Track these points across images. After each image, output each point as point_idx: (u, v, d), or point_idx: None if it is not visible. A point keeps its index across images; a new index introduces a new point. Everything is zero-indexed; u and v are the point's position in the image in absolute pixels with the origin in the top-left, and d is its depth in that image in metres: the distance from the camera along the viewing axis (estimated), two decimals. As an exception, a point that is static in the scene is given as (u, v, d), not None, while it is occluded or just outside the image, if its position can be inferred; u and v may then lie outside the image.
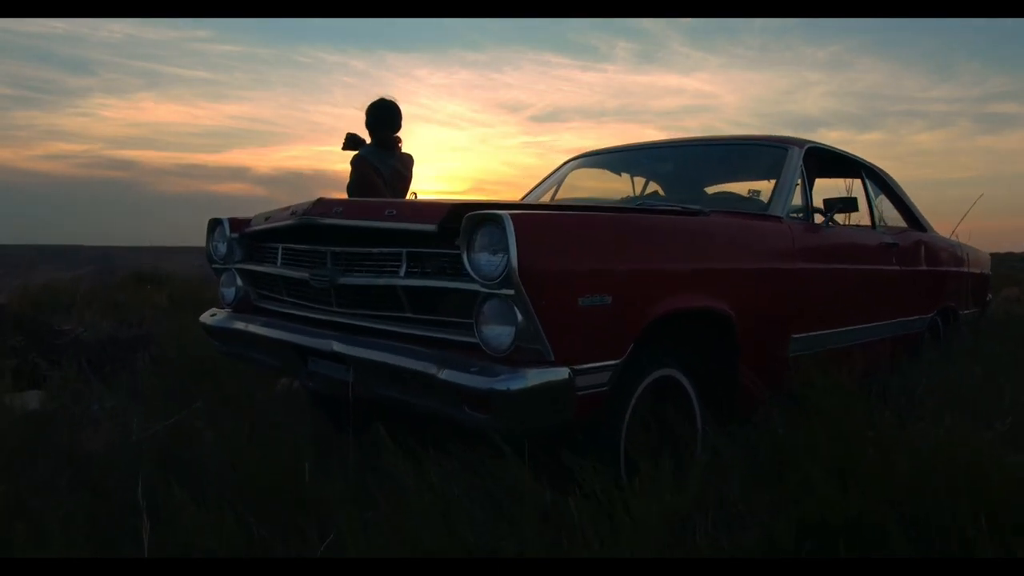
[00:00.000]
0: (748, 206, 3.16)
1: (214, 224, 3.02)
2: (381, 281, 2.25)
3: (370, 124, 3.67)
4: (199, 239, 3.12)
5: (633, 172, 3.97)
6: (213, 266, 3.08)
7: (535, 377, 1.90)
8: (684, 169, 3.78)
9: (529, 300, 1.88)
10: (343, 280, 2.37)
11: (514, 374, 1.88)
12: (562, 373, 1.95)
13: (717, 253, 2.56)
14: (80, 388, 3.96)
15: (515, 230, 1.86)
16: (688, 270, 2.38)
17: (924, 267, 4.00)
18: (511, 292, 1.88)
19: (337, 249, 2.41)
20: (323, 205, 2.42)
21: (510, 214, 1.89)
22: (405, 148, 3.69)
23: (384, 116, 3.67)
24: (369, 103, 3.69)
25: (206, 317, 3.02)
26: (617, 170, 4.14)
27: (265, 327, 2.67)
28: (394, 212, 2.16)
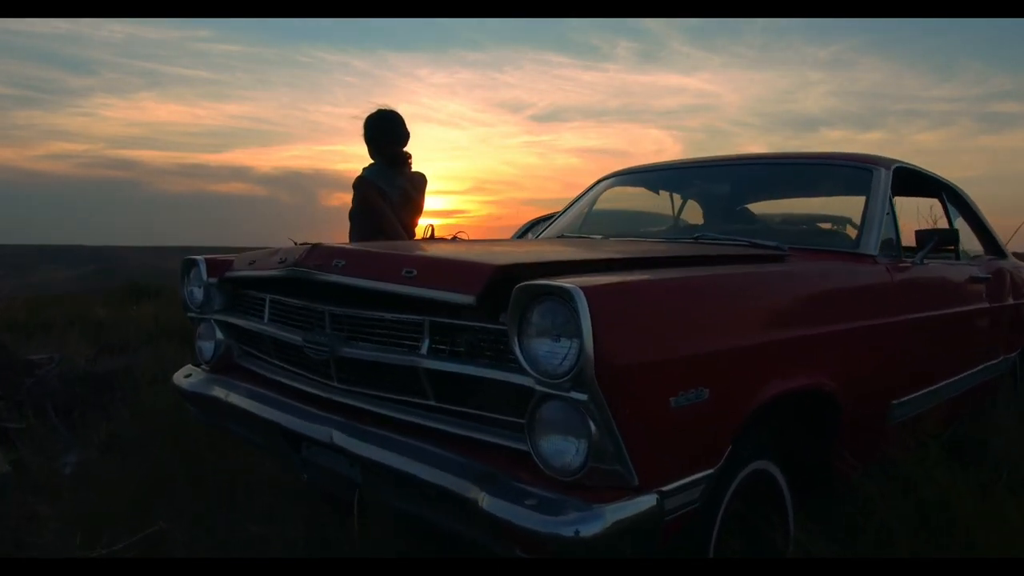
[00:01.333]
0: (831, 241, 2.62)
1: (188, 265, 2.45)
2: (396, 359, 1.69)
3: (372, 139, 3.11)
4: (200, 239, 2.63)
5: (677, 192, 3.43)
6: (188, 315, 2.52)
7: (615, 513, 1.34)
8: (741, 191, 3.23)
9: (609, 407, 1.32)
10: (346, 352, 1.81)
11: (587, 514, 1.32)
12: (648, 502, 1.40)
13: (814, 311, 2.00)
14: (44, 440, 3.42)
15: (591, 308, 1.30)
16: (792, 338, 1.82)
17: (1011, 301, 3.45)
18: (583, 397, 1.32)
19: (338, 311, 1.86)
20: (320, 255, 1.86)
21: (584, 285, 1.33)
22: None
23: (387, 129, 3.09)
24: (367, 116, 3.13)
25: (180, 378, 2.45)
26: (655, 188, 3.60)
27: (249, 399, 2.11)
28: (414, 273, 1.59)
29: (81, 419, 3.58)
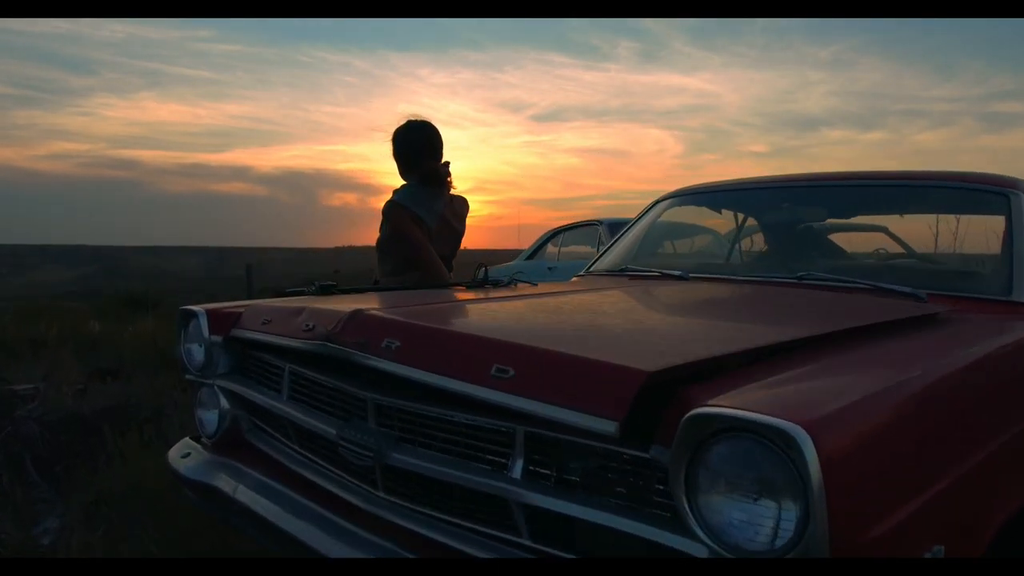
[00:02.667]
0: (968, 284, 2.12)
1: (186, 318, 1.95)
2: (472, 481, 1.19)
3: (403, 155, 2.57)
4: (201, 239, 2.14)
5: (747, 215, 2.94)
6: (187, 376, 2.01)
7: None
8: (825, 216, 2.74)
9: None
10: (397, 459, 1.31)
11: None
12: None
13: (1002, 395, 1.51)
14: (21, 503, 2.91)
15: (821, 457, 0.80)
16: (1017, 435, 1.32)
17: None
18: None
19: (386, 402, 1.36)
20: (363, 327, 1.35)
21: (802, 419, 0.83)
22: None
23: (421, 141, 2.57)
24: (396, 129, 2.59)
25: (176, 459, 1.95)
26: (717, 208, 3.12)
27: (263, 498, 1.61)
28: (510, 373, 1.08)
29: (65, 474, 3.08)
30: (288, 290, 2.32)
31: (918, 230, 2.73)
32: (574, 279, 2.89)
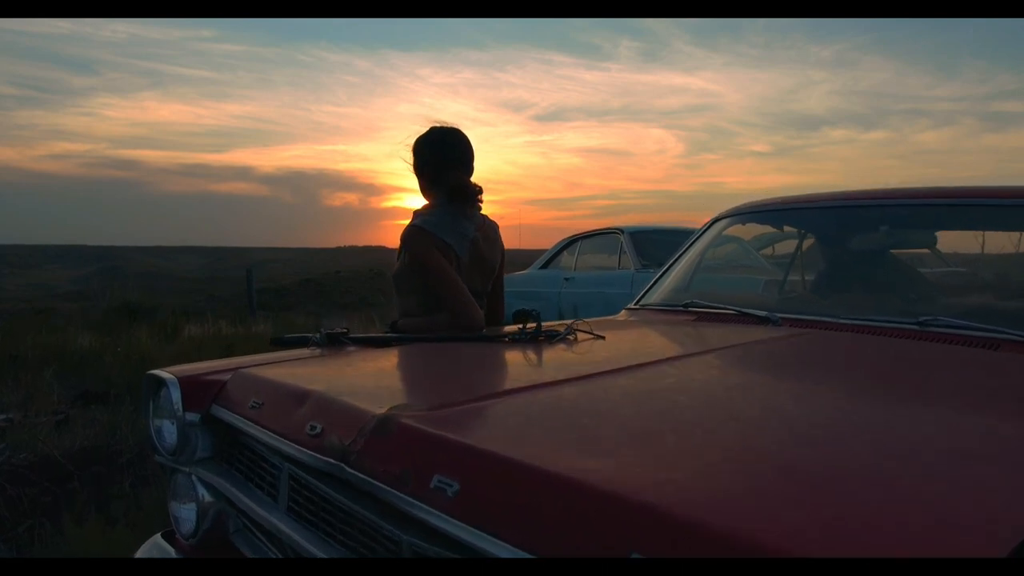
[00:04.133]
0: None
1: (154, 386, 1.49)
2: None
3: (428, 168, 2.08)
4: (202, 239, 1.70)
5: (827, 237, 2.49)
6: (157, 459, 1.55)
7: None
8: (911, 240, 2.31)
9: None
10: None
11: None
12: None
13: None
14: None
15: None
16: None
17: None
18: None
19: (431, 551, 0.90)
20: (399, 446, 0.89)
21: None
22: (409, 152, 2.04)
23: (451, 152, 2.08)
24: (417, 138, 2.10)
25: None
26: (780, 226, 2.67)
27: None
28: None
29: (29, 535, 2.62)
30: (285, 338, 1.86)
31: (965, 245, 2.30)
32: (625, 313, 2.44)
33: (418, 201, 2.20)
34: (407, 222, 2.06)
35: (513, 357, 1.47)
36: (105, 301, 10.22)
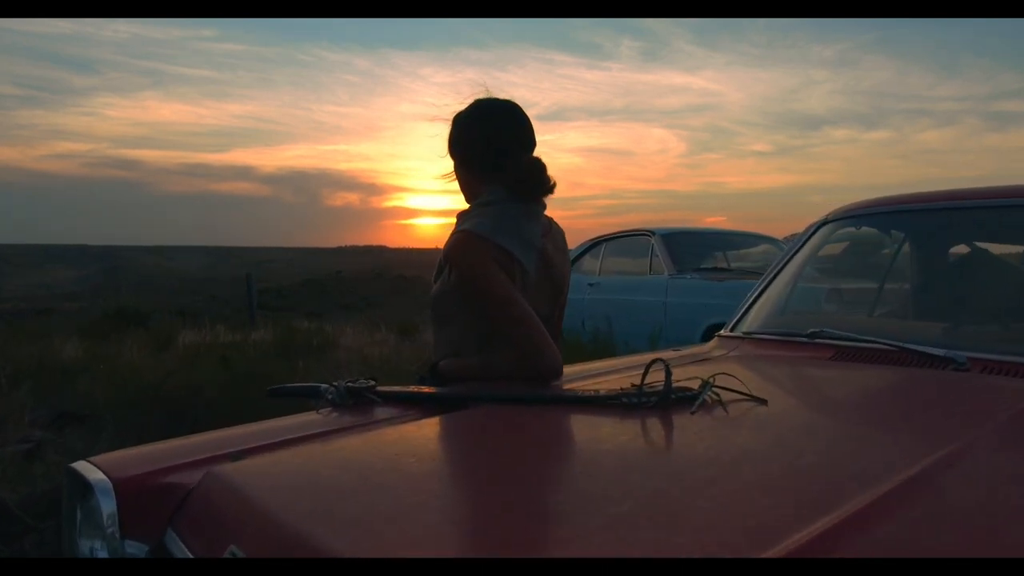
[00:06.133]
0: None
1: (79, 491, 0.93)
2: None
3: (483, 151, 1.48)
4: (203, 239, 1.14)
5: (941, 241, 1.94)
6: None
7: None
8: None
9: None
10: None
11: None
12: None
13: None
14: None
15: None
16: None
17: None
18: None
19: None
20: None
21: None
22: (409, 152, 1.45)
23: (519, 131, 1.49)
24: (458, 113, 1.52)
25: None
26: (887, 231, 2.12)
27: None
28: None
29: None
30: (288, 388, 1.31)
31: None
32: (721, 344, 1.87)
33: (419, 201, 1.65)
34: (408, 223, 1.49)
35: (660, 445, 0.91)
36: (103, 303, 9.66)
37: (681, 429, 0.99)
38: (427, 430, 1.04)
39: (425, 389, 1.26)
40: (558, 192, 1.51)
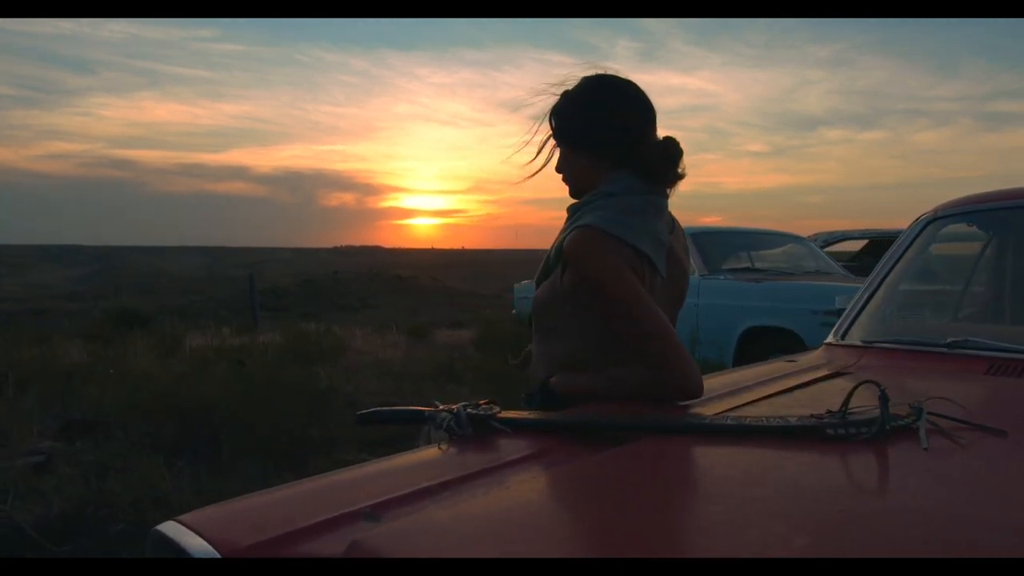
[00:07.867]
0: None
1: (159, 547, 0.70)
2: None
3: (607, 133, 1.24)
4: (199, 239, 0.90)
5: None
6: None
7: None
8: None
9: None
10: None
11: None
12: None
13: None
14: None
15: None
16: None
17: None
18: None
19: None
20: None
21: None
22: (406, 152, 1.22)
23: (650, 113, 1.27)
24: (569, 92, 1.29)
25: None
26: (987, 230, 1.92)
27: None
28: None
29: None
30: (383, 412, 1.09)
31: None
32: (830, 354, 1.65)
33: (415, 201, 1.43)
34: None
35: (914, 491, 0.68)
36: (102, 303, 9.36)
37: (927, 472, 0.76)
38: (600, 470, 0.81)
39: (555, 415, 1.03)
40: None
